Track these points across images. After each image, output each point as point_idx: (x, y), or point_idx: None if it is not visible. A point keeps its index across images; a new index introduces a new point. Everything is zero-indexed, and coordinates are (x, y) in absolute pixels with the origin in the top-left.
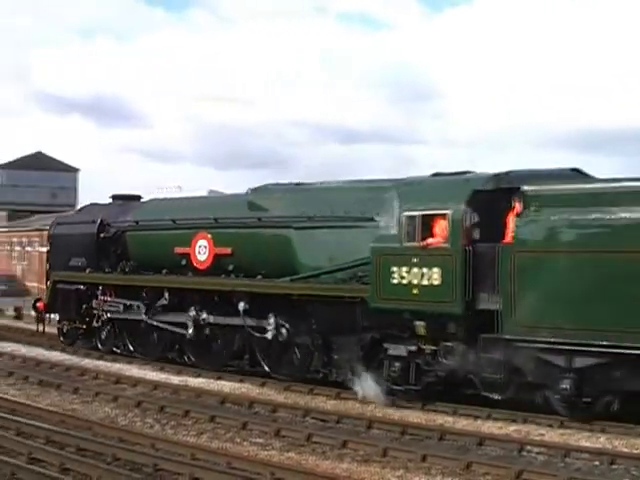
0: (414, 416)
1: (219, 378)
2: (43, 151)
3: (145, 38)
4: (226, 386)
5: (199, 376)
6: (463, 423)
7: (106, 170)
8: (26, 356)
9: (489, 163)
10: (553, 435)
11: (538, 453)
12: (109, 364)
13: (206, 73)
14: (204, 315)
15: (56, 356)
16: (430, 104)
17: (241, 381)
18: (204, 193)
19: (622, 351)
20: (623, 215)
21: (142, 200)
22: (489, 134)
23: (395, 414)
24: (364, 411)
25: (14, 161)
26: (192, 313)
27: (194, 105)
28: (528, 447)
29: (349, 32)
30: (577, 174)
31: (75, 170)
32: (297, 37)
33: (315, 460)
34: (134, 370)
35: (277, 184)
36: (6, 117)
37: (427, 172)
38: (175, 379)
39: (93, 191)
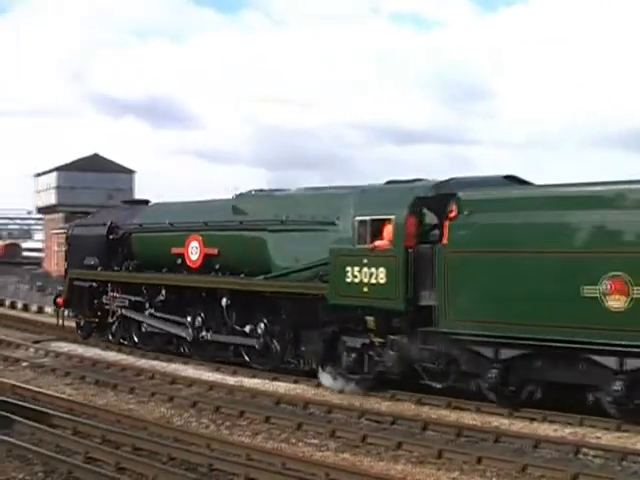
0: (469, 418)
1: (274, 379)
2: (99, 153)
3: (198, 39)
4: (281, 387)
5: (254, 377)
6: (519, 425)
7: (161, 171)
8: (83, 356)
9: (543, 162)
10: (610, 438)
11: (594, 456)
12: (165, 364)
13: (260, 75)
14: (198, 320)
15: (112, 356)
16: (483, 104)
17: (296, 382)
18: None
19: (541, 343)
20: (540, 218)
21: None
22: (543, 133)
23: (451, 415)
24: (419, 412)
25: (71, 163)
26: (189, 318)
27: (248, 106)
28: (584, 450)
29: (402, 32)
30: (512, 181)
31: (131, 172)
32: (351, 38)
33: (370, 461)
34: (190, 370)
35: (260, 190)
36: (63, 118)
37: (483, 173)
38: (231, 380)
39: (149, 192)
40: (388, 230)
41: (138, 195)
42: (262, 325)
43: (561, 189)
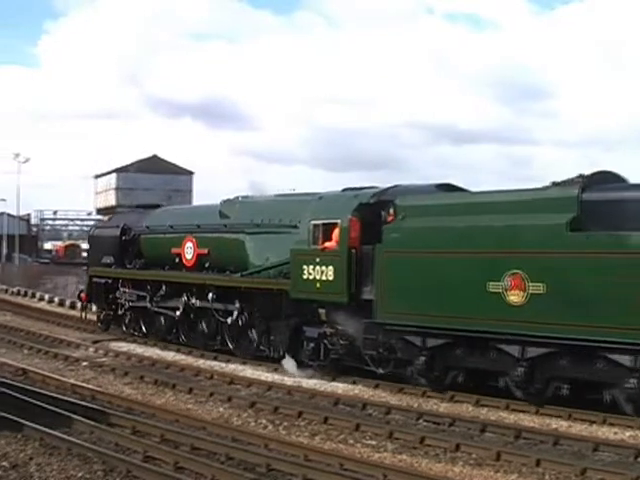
0: (528, 420)
1: (333, 379)
2: (158, 154)
3: (254, 41)
4: (339, 387)
5: (313, 377)
6: (578, 428)
7: (219, 172)
8: (142, 356)
9: (602, 162)
10: None
11: None
12: (223, 364)
13: (316, 75)
14: (192, 300)
15: (171, 356)
16: (540, 103)
17: (354, 383)
18: None
19: (462, 334)
20: (457, 223)
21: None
22: (603, 134)
23: (509, 417)
24: (478, 414)
25: (130, 165)
26: (183, 299)
27: (304, 107)
28: None
29: (457, 32)
30: (448, 187)
31: (190, 173)
32: (407, 38)
33: (428, 463)
34: (248, 371)
35: (245, 196)
36: (121, 120)
37: (541, 173)
38: (289, 380)
39: (207, 193)
40: (335, 233)
41: (197, 196)
42: (243, 317)
43: (474, 197)
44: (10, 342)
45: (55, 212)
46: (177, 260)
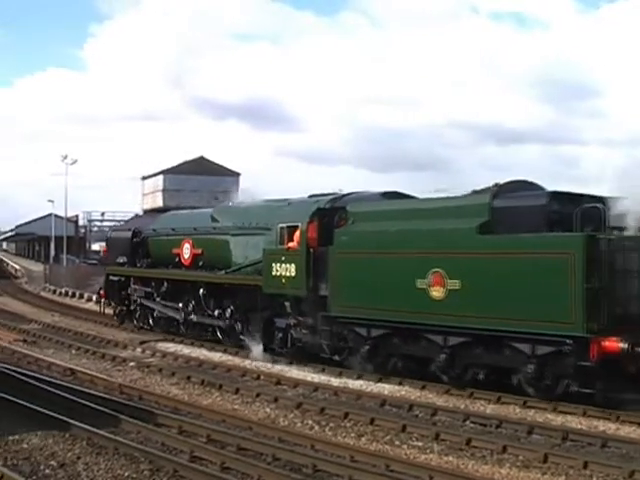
0: (576, 422)
1: (379, 380)
2: (205, 156)
3: (297, 42)
4: (386, 388)
5: (359, 378)
6: (626, 430)
7: (265, 173)
8: (189, 356)
9: None
10: None
11: None
12: (270, 365)
13: (360, 76)
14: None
15: (218, 357)
16: (587, 102)
17: (400, 384)
18: None
19: (398, 325)
20: (393, 227)
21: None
22: None
23: (556, 419)
24: (525, 416)
25: (177, 166)
26: (180, 304)
27: (349, 108)
28: None
29: (502, 31)
30: (394, 195)
31: (237, 174)
32: (451, 37)
33: (474, 465)
34: (294, 371)
35: (232, 202)
36: (167, 122)
37: (589, 173)
38: (335, 381)
39: (253, 194)
40: (297, 234)
41: (242, 197)
42: (227, 310)
43: (408, 204)
44: (58, 342)
45: (103, 213)
46: (177, 259)
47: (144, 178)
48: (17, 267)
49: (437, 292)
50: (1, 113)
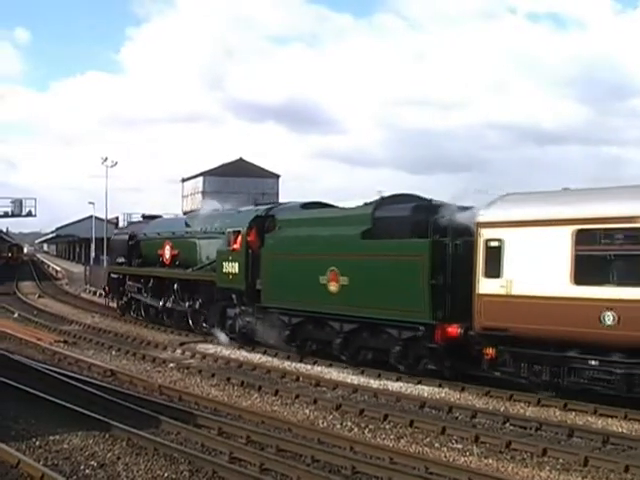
0: (617, 425)
1: (419, 382)
2: (244, 157)
3: (334, 44)
4: (425, 390)
5: (398, 380)
6: None
7: (304, 175)
8: (229, 358)
9: None
10: None
11: None
12: (309, 367)
13: (399, 77)
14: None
15: (258, 358)
16: (626, 102)
17: (440, 386)
18: None
19: (308, 314)
20: (304, 232)
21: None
22: None
23: (597, 422)
24: (565, 419)
25: (216, 168)
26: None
27: (387, 110)
28: None
29: (539, 31)
30: (316, 205)
31: (276, 176)
32: (489, 38)
33: (514, 468)
34: (334, 373)
35: (200, 209)
36: (206, 124)
37: (631, 173)
38: (375, 383)
39: (294, 196)
40: (239, 238)
41: (282, 199)
42: (197, 301)
43: (316, 213)
44: (98, 343)
45: (143, 215)
46: (161, 259)
47: (184, 180)
48: (58, 269)
49: (333, 287)
50: (38, 117)
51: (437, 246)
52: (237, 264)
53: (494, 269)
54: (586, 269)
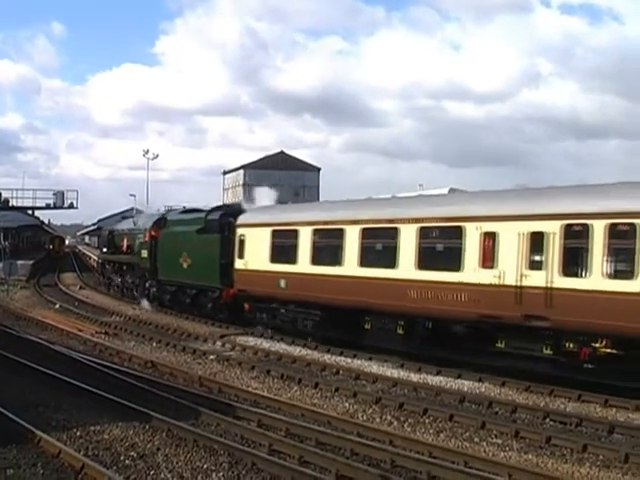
0: None
1: (459, 377)
2: (285, 151)
3: (369, 36)
4: (465, 385)
5: (439, 374)
6: None
7: (342, 168)
8: (269, 350)
9: None
10: None
11: None
12: (349, 360)
13: (435, 70)
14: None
15: (298, 351)
16: None
17: (480, 380)
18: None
19: (177, 283)
20: (176, 229)
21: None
22: None
23: (638, 419)
24: (606, 415)
25: (257, 161)
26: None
27: (424, 103)
28: None
29: (575, 24)
30: (190, 210)
31: (317, 169)
32: (525, 30)
33: (554, 463)
34: (374, 367)
35: (177, 208)
36: (244, 117)
37: None
38: (415, 377)
39: (335, 188)
40: (151, 233)
41: (323, 192)
42: (134, 279)
43: (180, 216)
44: (139, 335)
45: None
46: (122, 249)
47: (225, 173)
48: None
49: (185, 264)
50: (77, 110)
51: (224, 239)
52: (146, 251)
53: (241, 253)
54: (278, 253)
